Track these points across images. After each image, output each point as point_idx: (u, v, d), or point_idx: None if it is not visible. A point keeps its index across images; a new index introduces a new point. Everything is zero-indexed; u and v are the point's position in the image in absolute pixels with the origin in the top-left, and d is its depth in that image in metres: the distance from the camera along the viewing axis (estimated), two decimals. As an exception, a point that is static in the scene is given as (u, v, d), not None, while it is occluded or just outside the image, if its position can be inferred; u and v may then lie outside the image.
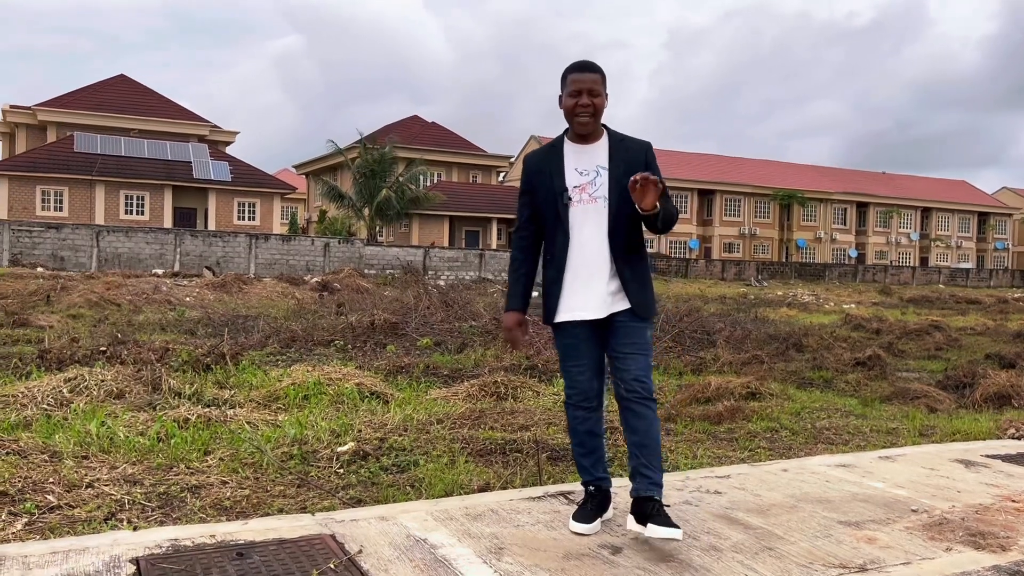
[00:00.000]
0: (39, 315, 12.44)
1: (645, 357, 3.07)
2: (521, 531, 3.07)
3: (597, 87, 3.07)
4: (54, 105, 43.72)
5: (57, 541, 2.83)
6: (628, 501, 3.06)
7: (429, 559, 2.77)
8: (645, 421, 3.02)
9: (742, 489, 3.79)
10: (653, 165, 3.13)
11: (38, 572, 2.53)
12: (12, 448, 4.09)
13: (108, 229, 29.54)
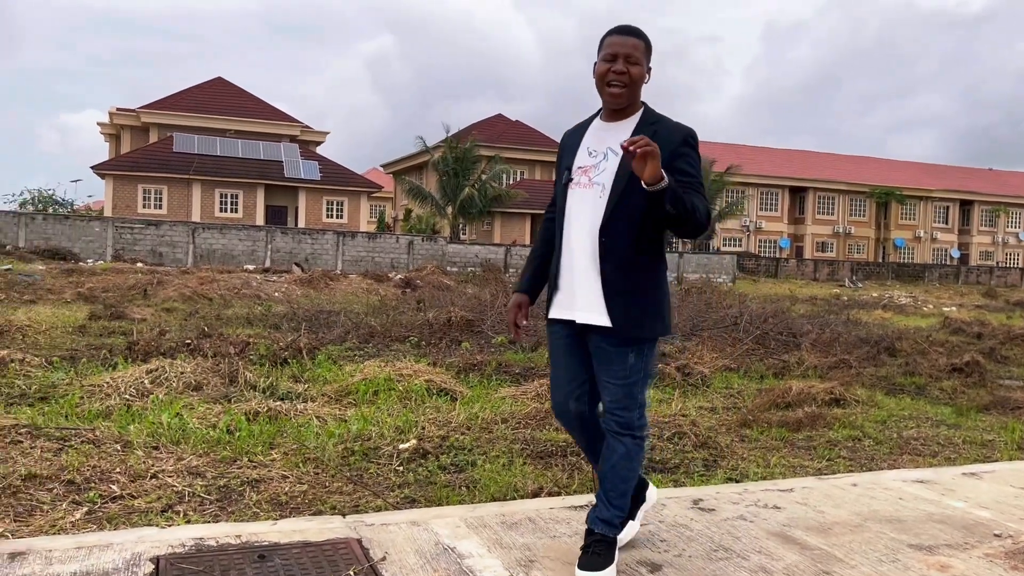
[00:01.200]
0: (135, 308, 12.95)
1: (621, 387, 2.67)
2: (556, 542, 2.94)
3: (637, 54, 2.65)
4: (156, 107, 45.78)
5: (84, 536, 2.86)
6: (674, 515, 2.87)
7: (454, 570, 2.67)
8: (614, 454, 2.71)
9: (804, 504, 3.56)
10: (685, 158, 2.66)
11: (58, 567, 2.55)
12: (88, 437, 4.22)
13: (204, 226, 30.70)
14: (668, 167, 2.58)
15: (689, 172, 2.65)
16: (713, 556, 2.89)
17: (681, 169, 2.63)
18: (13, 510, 3.18)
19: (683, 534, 3.10)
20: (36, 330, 9.42)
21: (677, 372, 7.73)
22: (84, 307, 12.57)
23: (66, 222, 29.13)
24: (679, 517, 3.28)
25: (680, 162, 2.64)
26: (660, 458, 4.48)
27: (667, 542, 2.96)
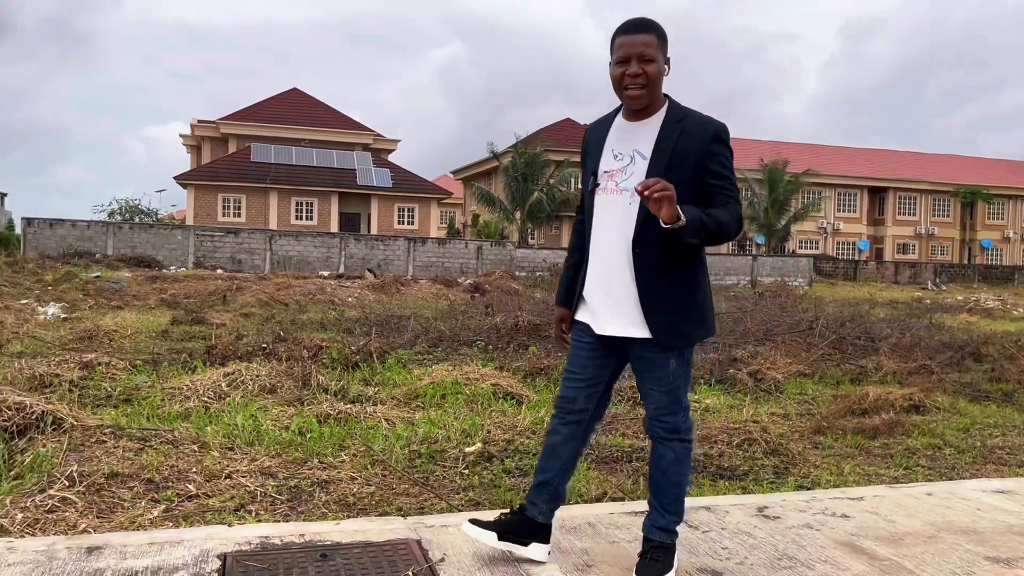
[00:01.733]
0: (215, 313, 13.39)
1: (666, 393, 2.62)
2: (615, 547, 2.91)
3: (650, 51, 2.50)
4: (234, 119, 47.30)
5: (157, 532, 2.97)
6: (738, 522, 2.80)
7: (511, 573, 2.68)
8: (663, 460, 2.67)
9: (875, 514, 3.44)
10: (717, 157, 2.53)
11: (131, 562, 2.66)
12: (167, 438, 4.39)
13: (280, 234, 31.56)
14: (699, 167, 2.51)
15: (722, 174, 2.55)
16: (776, 565, 2.82)
17: (713, 171, 2.54)
18: (96, 507, 3.33)
19: (746, 542, 3.03)
20: (122, 335, 9.83)
21: (749, 378, 7.58)
22: (167, 313, 13.06)
23: (151, 231, 30.34)
24: (743, 524, 3.22)
25: (712, 162, 2.54)
26: (729, 464, 4.40)
27: (729, 549, 2.90)
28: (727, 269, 35.72)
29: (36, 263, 22.49)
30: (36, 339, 9.08)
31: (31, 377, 6.35)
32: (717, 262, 36.30)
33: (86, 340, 9.24)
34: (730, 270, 35.75)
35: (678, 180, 2.45)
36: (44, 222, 28.49)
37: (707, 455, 4.52)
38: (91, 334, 9.58)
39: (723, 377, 7.56)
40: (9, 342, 8.73)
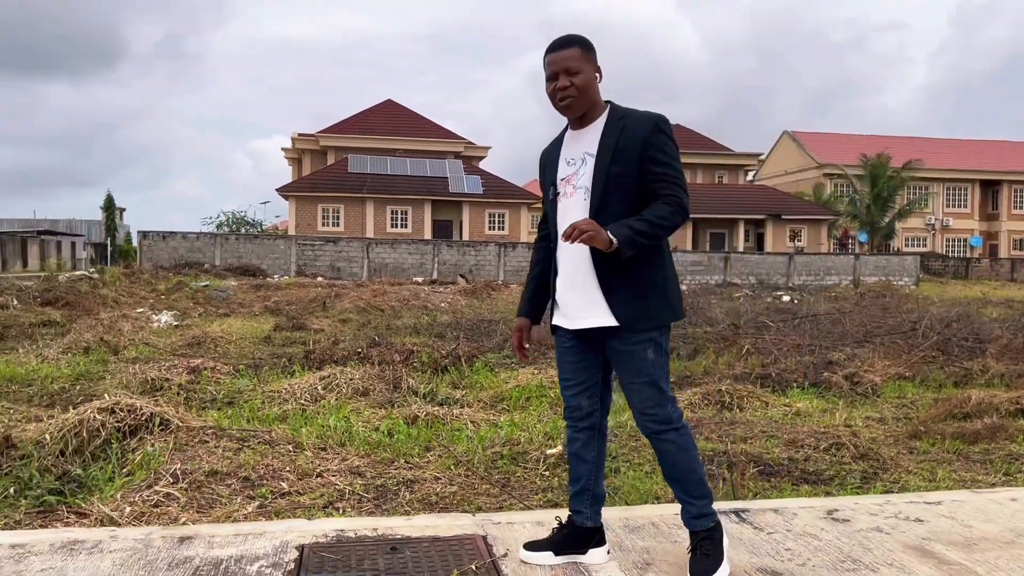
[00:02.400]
0: (315, 319, 13.89)
1: (647, 385, 2.65)
2: (676, 547, 2.92)
3: (574, 63, 2.65)
4: (332, 131, 48.87)
5: (243, 525, 3.18)
6: (804, 524, 2.75)
7: (570, 569, 2.74)
8: (667, 455, 2.69)
9: (951, 518, 3.32)
10: (657, 147, 2.62)
11: (218, 551, 2.86)
12: (264, 438, 4.62)
13: (376, 242, 32.42)
14: (642, 158, 2.60)
15: (662, 161, 2.63)
16: (839, 567, 2.77)
17: (654, 159, 2.62)
18: (196, 502, 3.56)
19: (810, 544, 3.00)
20: (227, 341, 10.35)
21: (845, 381, 7.36)
22: (270, 319, 13.63)
23: (255, 241, 31.70)
24: (809, 527, 3.17)
25: (652, 151, 2.63)
26: (814, 469, 4.32)
27: (792, 551, 2.87)
28: (827, 269, 34.55)
29: (151, 273, 23.86)
30: (149, 345, 9.66)
31: (144, 381, 6.79)
32: (817, 261, 35.18)
33: (194, 346, 9.78)
34: (831, 270, 34.56)
35: (623, 173, 2.62)
36: (158, 235, 30.18)
37: (791, 459, 4.44)
38: (199, 340, 10.12)
39: (817, 380, 7.37)
40: (125, 348, 9.32)
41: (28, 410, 5.67)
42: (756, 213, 46.06)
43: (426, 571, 2.69)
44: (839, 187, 51.43)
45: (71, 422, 4.52)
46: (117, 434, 4.45)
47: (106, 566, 2.71)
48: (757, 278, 33.13)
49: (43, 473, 4.08)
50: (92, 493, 3.77)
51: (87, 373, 7.55)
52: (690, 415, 5.69)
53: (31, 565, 2.73)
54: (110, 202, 49.85)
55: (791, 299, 21.07)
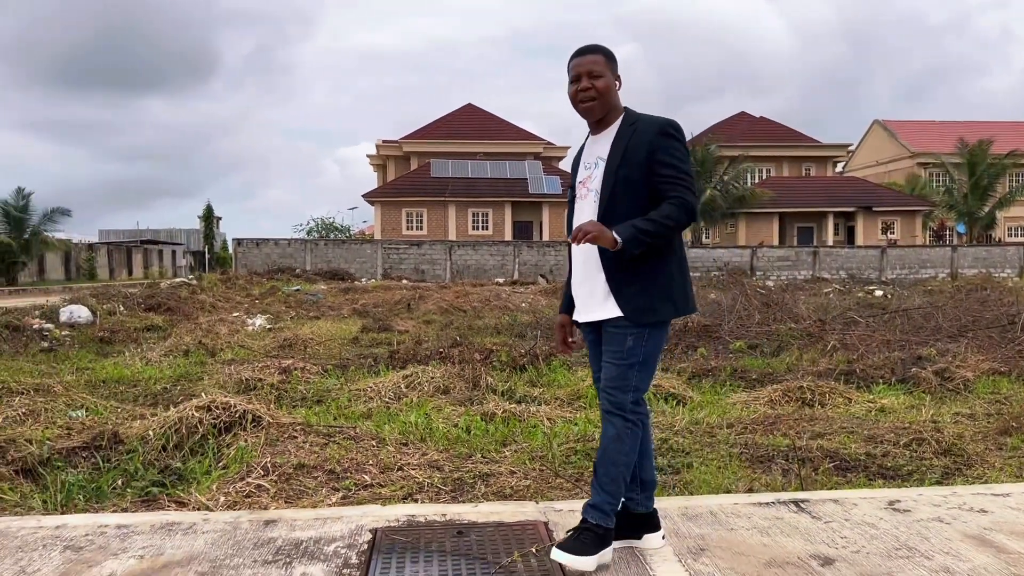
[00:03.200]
0: (400, 321, 14.25)
1: (617, 366, 2.77)
2: (732, 534, 2.98)
3: (597, 67, 2.81)
4: (415, 137, 49.81)
5: (322, 510, 3.40)
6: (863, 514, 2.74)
7: (625, 552, 2.84)
8: (605, 437, 2.80)
9: (1018, 510, 3.25)
10: (665, 149, 2.74)
11: (299, 533, 3.10)
12: (349, 434, 4.84)
13: (459, 244, 32.90)
14: (650, 160, 2.70)
15: (669, 163, 2.74)
16: (893, 554, 2.79)
17: (661, 161, 2.72)
18: (285, 493, 3.79)
19: (867, 532, 3.01)
20: (317, 342, 10.75)
21: (935, 377, 7.14)
22: (358, 321, 14.06)
23: (343, 246, 32.64)
24: (868, 516, 3.18)
25: (660, 154, 2.75)
26: (892, 464, 4.24)
27: (847, 539, 2.90)
28: (922, 262, 33.22)
29: (245, 279, 24.87)
30: (244, 348, 10.13)
31: (239, 381, 7.16)
32: (911, 254, 33.84)
33: (286, 348, 10.20)
34: (926, 263, 33.21)
35: (631, 176, 2.76)
36: (251, 241, 31.42)
37: (869, 455, 4.37)
38: (290, 342, 10.55)
39: (905, 376, 7.17)
40: (222, 351, 9.81)
41: (134, 409, 6.07)
42: (846, 205, 44.60)
43: (489, 553, 2.86)
44: (934, 177, 49.33)
45: (172, 419, 4.85)
46: (213, 430, 4.74)
47: (199, 545, 2.98)
48: (848, 273, 32.12)
49: (147, 466, 4.39)
50: (191, 485, 4.05)
51: (187, 374, 7.99)
52: (769, 412, 5.65)
53: (134, 542, 3.04)
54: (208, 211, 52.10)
55: (883, 294, 20.36)
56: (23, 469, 4.23)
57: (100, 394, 6.74)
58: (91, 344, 10.87)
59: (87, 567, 2.81)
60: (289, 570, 2.75)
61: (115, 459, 4.48)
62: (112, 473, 4.25)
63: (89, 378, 7.70)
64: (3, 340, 10.75)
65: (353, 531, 3.09)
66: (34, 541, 3.08)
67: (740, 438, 4.80)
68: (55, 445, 4.54)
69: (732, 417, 5.48)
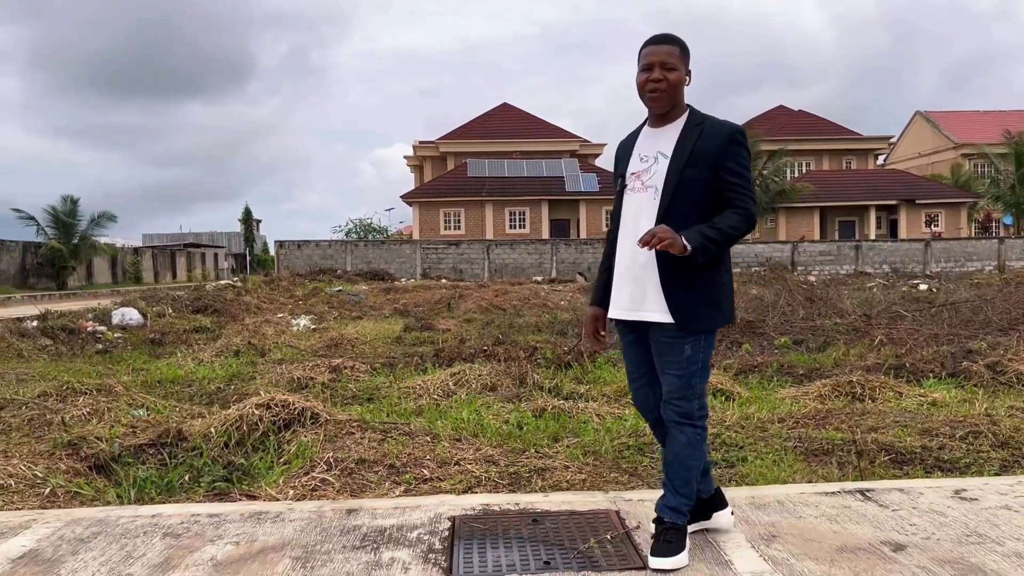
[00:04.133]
0: (441, 320, 14.39)
1: (679, 377, 2.75)
2: (801, 522, 3.04)
3: (672, 60, 2.75)
4: (451, 137, 50.10)
5: (401, 499, 3.54)
6: (930, 502, 2.76)
7: (700, 539, 2.91)
8: (675, 443, 2.80)
9: None
10: (734, 156, 2.72)
11: (381, 520, 3.26)
12: (404, 430, 4.95)
13: (496, 243, 33.04)
14: (717, 166, 2.67)
15: (737, 171, 2.73)
16: (964, 540, 2.83)
17: (729, 169, 2.73)
18: (349, 486, 3.90)
19: (936, 520, 3.05)
20: (362, 341, 10.92)
21: (987, 370, 7.05)
22: (399, 320, 14.23)
23: (383, 247, 32.98)
24: (935, 505, 3.22)
25: (728, 161, 2.73)
26: (949, 457, 4.23)
27: (916, 526, 2.93)
28: (968, 255, 32.56)
29: (288, 280, 25.26)
30: (292, 347, 10.33)
31: (290, 380, 7.33)
32: (956, 247, 33.20)
33: (332, 347, 10.37)
34: (972, 255, 32.55)
35: (696, 177, 2.72)
36: (293, 244, 31.89)
37: (925, 447, 4.36)
38: (336, 342, 10.73)
39: (955, 370, 7.09)
40: (270, 351, 10.02)
41: (191, 408, 6.25)
42: (888, 198, 43.88)
43: (565, 540, 2.96)
44: (979, 168, 48.28)
45: (233, 417, 4.99)
46: (273, 427, 4.88)
47: (289, 531, 3.15)
48: (891, 266, 31.61)
49: (211, 463, 4.54)
50: (256, 480, 4.18)
51: (239, 374, 8.19)
52: (819, 406, 5.64)
53: (228, 529, 3.23)
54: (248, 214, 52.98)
55: (928, 287, 20.03)
56: (96, 465, 4.40)
57: (157, 394, 6.94)
58: (143, 346, 11.17)
59: (188, 552, 2.98)
60: (377, 555, 2.89)
61: (180, 456, 4.64)
62: (179, 469, 4.40)
63: (145, 378, 7.92)
64: (61, 342, 11.10)
65: (432, 519, 3.23)
66: (134, 528, 3.27)
67: (793, 432, 4.81)
68: (123, 442, 4.71)
69: (782, 412, 5.48)
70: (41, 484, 4.02)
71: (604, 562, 2.79)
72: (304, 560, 2.87)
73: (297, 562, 2.85)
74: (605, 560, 2.81)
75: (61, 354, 10.21)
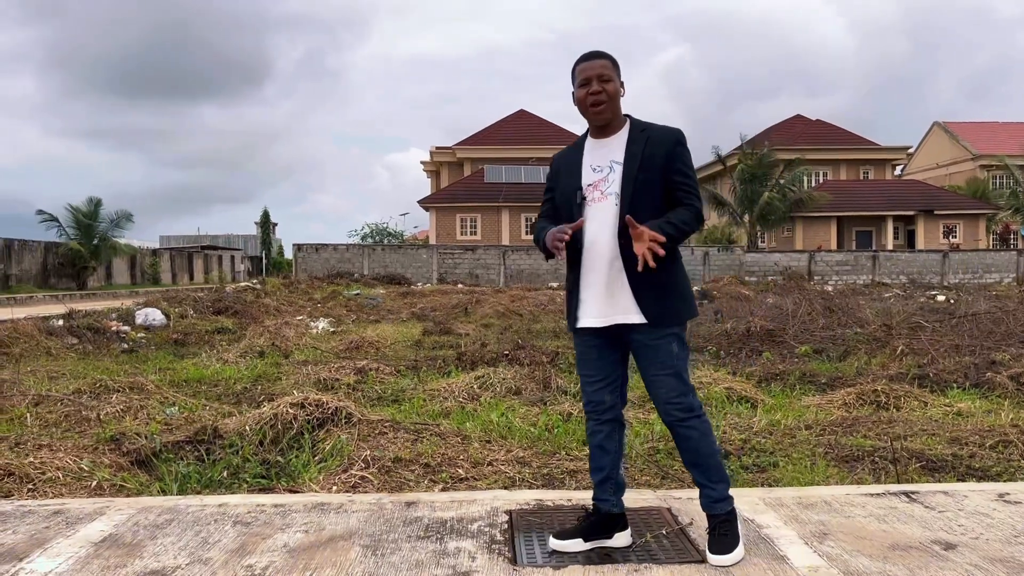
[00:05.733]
0: (459, 324, 14.48)
1: (672, 376, 2.84)
2: (850, 521, 3.11)
3: (607, 72, 2.89)
4: (468, 143, 50.29)
5: (456, 493, 3.66)
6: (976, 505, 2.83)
7: (753, 536, 2.99)
8: (691, 441, 2.86)
9: None
10: (680, 158, 2.86)
11: (440, 512, 3.37)
12: (435, 431, 5.02)
13: (512, 248, 33.12)
14: (665, 168, 2.79)
15: (684, 172, 2.88)
16: (1013, 540, 2.90)
17: (678, 170, 2.87)
18: (388, 484, 3.97)
19: (983, 521, 3.11)
20: (383, 344, 11.01)
21: (1010, 381, 7.05)
22: (418, 324, 14.32)
23: (399, 251, 33.13)
24: (981, 507, 3.28)
25: (676, 163, 2.87)
26: (980, 465, 4.26)
27: (964, 527, 3.00)
28: (986, 266, 32.38)
29: (306, 283, 25.44)
30: (315, 349, 10.44)
31: (316, 381, 7.42)
32: (974, 258, 33.02)
33: (353, 350, 10.47)
34: (990, 267, 32.36)
35: (649, 180, 2.85)
36: (311, 247, 32.09)
37: (956, 455, 4.40)
38: (357, 344, 10.82)
39: (979, 381, 7.10)
40: (293, 352, 10.12)
41: (220, 406, 6.35)
42: (906, 209, 43.68)
43: None
44: (998, 179, 48.00)
45: (267, 416, 5.08)
46: (307, 426, 4.96)
47: (354, 521, 3.29)
48: (908, 277, 31.47)
49: (247, 460, 4.62)
50: (294, 477, 4.26)
51: (264, 374, 8.29)
52: (845, 414, 5.68)
53: (295, 519, 3.37)
54: (266, 217, 53.33)
55: (946, 299, 19.95)
56: (137, 460, 4.50)
57: (185, 392, 7.04)
58: (167, 346, 11.30)
59: (261, 539, 3.12)
60: (443, 544, 3.02)
61: (216, 452, 4.72)
62: (218, 466, 4.49)
63: (171, 378, 8.03)
64: (87, 341, 11.25)
65: (489, 512, 3.36)
66: (204, 517, 3.40)
67: (821, 439, 4.85)
68: (162, 439, 4.80)
69: (808, 419, 5.52)
70: (87, 477, 4.12)
71: (663, 556, 2.88)
72: (373, 548, 2.99)
73: (367, 550, 2.97)
74: (663, 554, 2.90)
75: (88, 352, 10.36)
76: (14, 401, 6.32)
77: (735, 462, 4.41)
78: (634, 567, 2.78)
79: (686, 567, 2.78)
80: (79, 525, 3.28)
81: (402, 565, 2.82)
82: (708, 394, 6.34)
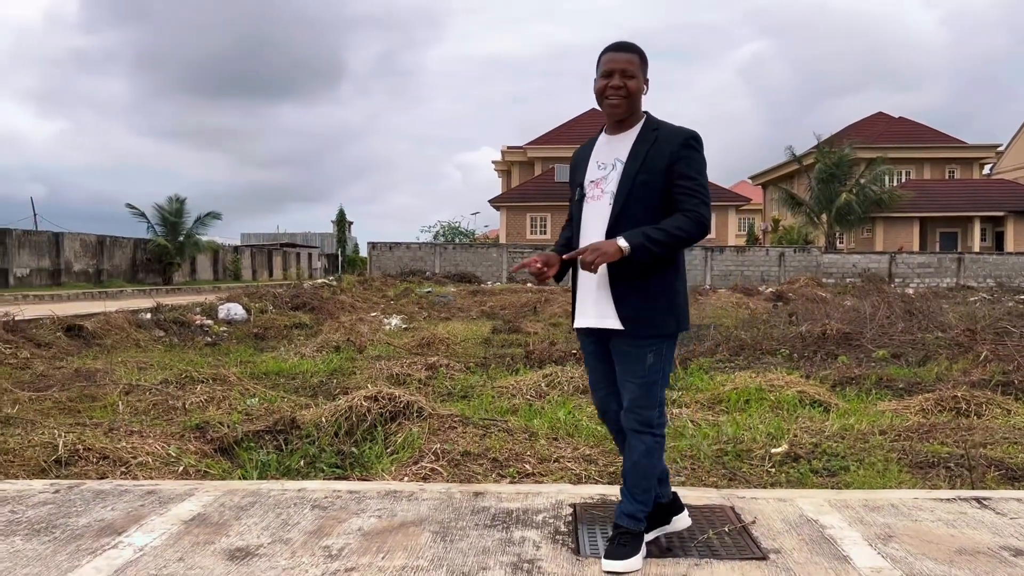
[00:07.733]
0: (527, 323, 14.58)
1: (638, 385, 2.76)
2: (916, 525, 3.09)
3: (632, 68, 2.77)
4: (539, 143, 50.39)
5: (522, 485, 3.77)
6: None
7: (816, 536, 3.01)
8: (635, 452, 2.81)
9: None
10: (686, 161, 2.72)
11: (507, 503, 3.50)
12: (503, 427, 5.12)
13: (582, 248, 33.04)
14: (669, 170, 2.67)
15: (688, 175, 2.73)
16: None
17: (681, 173, 2.73)
18: (457, 477, 4.09)
19: None
20: (453, 342, 11.18)
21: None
22: (487, 323, 14.47)
23: (470, 249, 33.47)
24: None
25: (680, 165, 2.73)
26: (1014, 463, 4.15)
27: None
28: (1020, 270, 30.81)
29: (380, 281, 25.96)
30: (388, 345, 10.68)
31: (389, 376, 7.61)
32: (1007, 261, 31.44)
33: (425, 346, 10.67)
34: None
35: (649, 182, 2.75)
36: (385, 245, 32.72)
37: None
38: (429, 341, 11.03)
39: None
40: (367, 348, 10.38)
41: (297, 399, 6.58)
42: (994, 210, 41.89)
43: (683, 531, 3.10)
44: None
45: (343, 408, 5.26)
46: (380, 419, 5.12)
47: (424, 509, 3.44)
48: (996, 280, 30.20)
49: (323, 450, 4.80)
50: (367, 468, 4.41)
51: (339, 368, 8.54)
52: (921, 420, 5.54)
53: (369, 504, 3.53)
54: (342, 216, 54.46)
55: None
56: (220, 448, 4.73)
57: (265, 384, 7.32)
58: (248, 340, 11.73)
59: (337, 522, 3.29)
60: (509, 533, 3.13)
61: (294, 442, 4.92)
62: (296, 455, 4.68)
63: (252, 370, 8.34)
64: (173, 334, 11.77)
65: (554, 504, 3.46)
66: (284, 500, 3.59)
67: (896, 444, 4.75)
68: (243, 428, 5.03)
69: (883, 424, 5.41)
70: (175, 462, 4.36)
71: (724, 552, 2.92)
72: (443, 534, 3.13)
73: (436, 536, 3.11)
74: (724, 550, 2.94)
75: (174, 345, 10.84)
76: (107, 390, 6.70)
77: (804, 465, 4.37)
78: (695, 562, 2.83)
79: (747, 564, 2.82)
80: (170, 504, 3.50)
81: (469, 551, 2.93)
82: (779, 397, 6.26)
